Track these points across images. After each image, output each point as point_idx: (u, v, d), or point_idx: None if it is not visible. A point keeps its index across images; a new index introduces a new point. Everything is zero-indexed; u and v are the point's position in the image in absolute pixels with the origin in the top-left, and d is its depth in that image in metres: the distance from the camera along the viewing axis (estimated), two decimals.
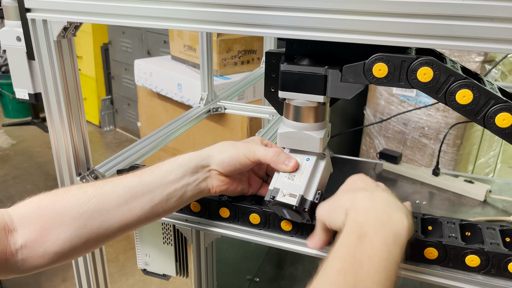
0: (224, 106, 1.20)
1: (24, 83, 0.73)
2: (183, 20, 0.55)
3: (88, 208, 0.51)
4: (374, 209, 0.48)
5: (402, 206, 0.50)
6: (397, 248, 0.45)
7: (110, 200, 0.52)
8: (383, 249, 0.44)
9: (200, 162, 0.56)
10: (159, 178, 0.54)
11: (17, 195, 2.61)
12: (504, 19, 0.41)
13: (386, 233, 0.45)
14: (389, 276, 0.43)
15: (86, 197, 0.52)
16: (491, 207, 1.11)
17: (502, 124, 0.47)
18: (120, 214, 0.53)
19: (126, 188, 0.53)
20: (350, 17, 0.47)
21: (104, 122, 3.55)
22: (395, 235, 0.46)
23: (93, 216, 0.52)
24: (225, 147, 0.57)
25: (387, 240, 0.45)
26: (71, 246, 0.52)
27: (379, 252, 0.44)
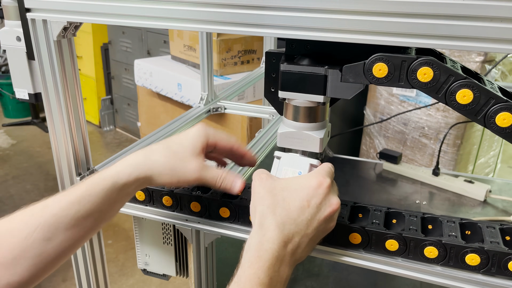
0: (224, 106, 1.20)
1: (24, 83, 0.73)
2: (183, 20, 0.55)
3: (36, 239, 0.51)
4: (275, 264, 0.48)
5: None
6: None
7: (56, 227, 0.52)
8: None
9: (141, 183, 0.56)
10: (99, 200, 0.54)
11: (17, 195, 2.61)
12: (504, 19, 0.41)
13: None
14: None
15: (29, 229, 0.52)
16: (491, 207, 1.11)
17: (502, 123, 0.47)
18: (71, 235, 0.53)
19: (68, 216, 0.53)
20: (350, 17, 0.47)
21: (104, 122, 3.55)
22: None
23: (44, 244, 0.52)
24: (165, 171, 0.55)
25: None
26: (31, 274, 0.52)
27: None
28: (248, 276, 0.46)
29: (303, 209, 0.50)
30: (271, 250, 0.47)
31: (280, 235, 0.48)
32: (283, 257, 0.48)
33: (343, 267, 1.01)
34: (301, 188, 0.51)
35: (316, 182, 0.51)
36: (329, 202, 0.52)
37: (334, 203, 0.52)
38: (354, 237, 0.57)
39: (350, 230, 0.57)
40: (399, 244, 0.55)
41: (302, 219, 0.50)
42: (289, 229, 0.49)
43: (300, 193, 0.51)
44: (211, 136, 0.58)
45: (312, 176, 0.53)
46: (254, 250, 0.48)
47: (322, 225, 0.51)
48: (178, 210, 0.65)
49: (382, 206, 0.61)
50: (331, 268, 1.02)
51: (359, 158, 1.39)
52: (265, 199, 0.51)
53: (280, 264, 0.48)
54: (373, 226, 0.56)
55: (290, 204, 0.50)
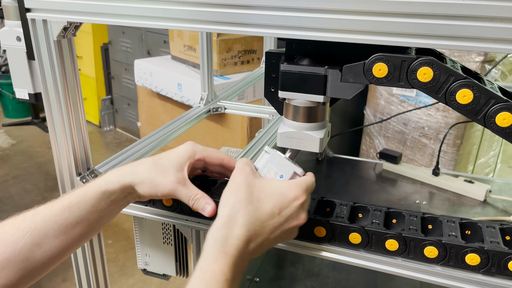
0: (224, 106, 1.20)
1: (24, 83, 0.73)
2: (183, 20, 0.55)
3: (25, 243, 0.52)
4: (236, 263, 0.50)
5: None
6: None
7: (46, 233, 0.53)
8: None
9: (127, 192, 0.57)
10: (89, 209, 0.55)
11: (17, 195, 2.61)
12: (504, 19, 0.41)
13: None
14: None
15: (19, 233, 0.52)
16: (491, 207, 1.11)
17: (502, 123, 0.47)
18: (60, 243, 0.54)
19: (57, 223, 0.54)
20: (350, 17, 0.47)
21: (104, 122, 3.55)
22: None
23: (33, 250, 0.53)
24: (146, 182, 0.56)
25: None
26: (18, 278, 0.52)
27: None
28: (214, 272, 0.47)
29: (272, 215, 0.51)
30: (236, 247, 0.49)
31: (246, 234, 0.50)
32: (244, 255, 0.50)
33: (343, 267, 1.01)
34: (277, 194, 0.53)
35: (293, 194, 0.53)
36: (297, 216, 0.53)
37: (301, 218, 0.54)
38: (354, 237, 0.57)
39: (350, 230, 0.57)
40: (399, 244, 0.55)
41: (269, 224, 0.51)
42: (255, 229, 0.50)
43: (274, 199, 0.52)
44: (199, 152, 0.60)
45: (291, 187, 0.54)
46: (220, 245, 0.49)
47: (284, 234, 0.53)
48: (178, 210, 0.65)
49: (382, 206, 0.61)
50: (331, 268, 1.02)
51: (359, 158, 1.39)
52: (240, 193, 0.52)
53: (242, 260, 0.50)
54: (373, 226, 0.56)
55: (262, 206, 0.51)
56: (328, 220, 0.57)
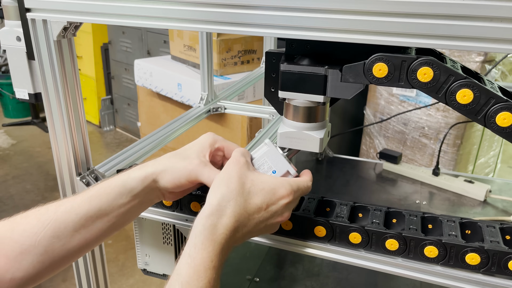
0: (224, 106, 1.20)
1: (24, 83, 0.73)
2: (183, 20, 0.55)
3: (45, 235, 0.52)
4: (222, 250, 0.50)
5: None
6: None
7: (66, 225, 0.53)
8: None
9: (148, 186, 0.56)
10: (109, 202, 0.55)
11: (17, 195, 2.61)
12: (504, 19, 0.41)
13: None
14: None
15: (40, 224, 0.53)
16: (491, 207, 1.11)
17: (502, 123, 0.47)
18: (79, 237, 0.54)
19: (78, 215, 0.54)
20: (350, 17, 0.47)
21: (104, 122, 3.55)
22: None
23: (52, 242, 0.53)
24: (169, 169, 0.56)
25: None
26: (36, 271, 0.53)
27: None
28: (203, 258, 0.48)
29: (259, 210, 0.52)
30: (224, 236, 0.50)
31: (234, 224, 0.50)
32: (230, 243, 0.51)
33: (343, 267, 1.01)
34: (267, 190, 0.53)
35: (282, 193, 0.53)
36: (282, 214, 0.54)
37: (285, 216, 0.55)
38: (354, 237, 0.57)
39: (350, 230, 0.57)
40: (399, 243, 0.55)
41: (255, 217, 0.52)
42: (242, 221, 0.51)
43: (264, 194, 0.53)
44: (219, 142, 0.60)
45: (282, 185, 0.54)
46: (209, 232, 0.49)
47: (266, 228, 0.54)
48: (178, 210, 0.65)
49: (382, 205, 0.61)
50: (331, 268, 1.02)
51: (359, 158, 1.39)
52: (232, 183, 0.52)
53: (227, 249, 0.51)
54: (373, 225, 0.56)
55: (252, 199, 0.52)
56: (328, 220, 0.57)
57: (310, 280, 0.98)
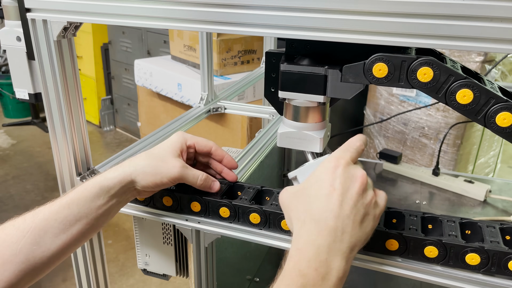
0: (224, 106, 1.20)
1: (24, 83, 0.73)
2: (183, 20, 0.55)
3: (25, 244, 0.53)
4: (318, 254, 0.46)
5: (349, 247, 0.48)
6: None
7: (46, 232, 0.54)
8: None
9: (125, 186, 0.57)
10: (88, 205, 0.56)
11: (17, 195, 2.61)
12: (504, 19, 0.41)
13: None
14: None
15: (19, 233, 0.53)
16: (491, 207, 1.11)
17: (502, 123, 0.47)
18: (59, 242, 0.54)
19: (57, 220, 0.54)
20: (350, 17, 0.47)
21: (104, 122, 3.55)
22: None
23: (33, 250, 0.53)
24: (148, 171, 0.57)
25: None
26: (18, 280, 0.53)
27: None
28: (288, 270, 0.46)
29: (330, 195, 0.48)
30: (309, 240, 0.46)
31: (316, 225, 0.47)
32: (328, 246, 0.46)
33: None
34: (319, 178, 0.49)
35: (332, 164, 0.49)
36: (352, 177, 0.49)
37: (358, 175, 0.49)
38: None
39: None
40: (399, 243, 0.55)
41: (332, 203, 0.47)
42: (324, 218, 0.47)
43: (320, 183, 0.49)
44: (189, 139, 0.62)
45: (326, 161, 0.50)
46: (293, 244, 0.48)
47: (359, 201, 0.48)
48: (178, 210, 0.65)
49: None
50: None
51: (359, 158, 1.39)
52: (292, 204, 0.51)
53: (328, 254, 0.46)
54: None
55: (316, 196, 0.48)
56: None
57: None
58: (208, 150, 0.64)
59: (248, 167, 0.80)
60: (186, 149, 0.62)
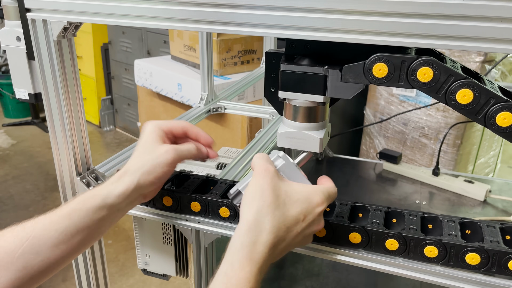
0: (224, 106, 1.20)
1: (24, 83, 0.73)
2: (183, 20, 0.55)
3: (24, 252, 0.52)
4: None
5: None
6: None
7: (45, 242, 0.52)
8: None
9: (130, 196, 0.56)
10: (89, 216, 0.54)
11: (17, 195, 2.61)
12: (504, 19, 0.41)
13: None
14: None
15: (18, 241, 0.52)
16: (491, 207, 1.11)
17: (503, 123, 0.47)
18: (59, 252, 0.53)
19: (58, 231, 0.53)
20: (350, 17, 0.47)
21: (104, 122, 3.55)
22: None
23: (31, 258, 0.52)
24: (146, 169, 0.56)
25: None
26: (15, 287, 0.52)
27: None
28: (239, 279, 0.46)
29: (297, 221, 0.51)
30: (263, 254, 0.48)
31: (273, 240, 0.49)
32: (269, 261, 0.49)
33: (343, 267, 1.01)
34: (303, 200, 0.52)
35: (318, 200, 0.52)
36: (318, 222, 0.53)
37: (321, 223, 0.54)
38: (354, 237, 0.57)
39: (350, 230, 0.57)
40: (399, 243, 0.55)
41: (294, 229, 0.51)
42: (281, 235, 0.49)
43: (300, 205, 0.51)
44: (163, 125, 0.60)
45: (316, 192, 0.53)
46: (247, 251, 0.47)
47: (304, 239, 0.53)
48: (178, 210, 0.65)
49: (382, 205, 0.61)
50: (331, 268, 1.02)
51: (359, 158, 1.39)
52: (267, 196, 0.50)
53: (266, 266, 0.49)
54: (373, 225, 0.56)
55: (289, 211, 0.50)
56: (328, 220, 0.57)
57: (310, 280, 0.98)
58: (184, 130, 0.62)
59: (248, 167, 0.80)
60: (164, 135, 0.60)
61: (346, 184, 1.20)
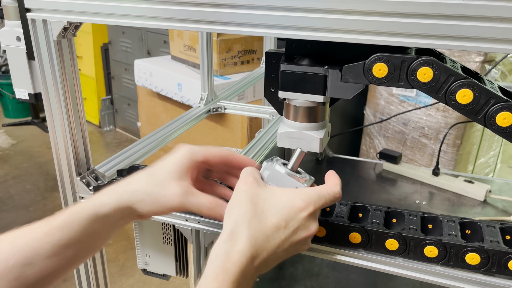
0: (224, 106, 1.20)
1: (24, 83, 0.73)
2: (183, 20, 0.55)
3: (17, 262, 0.49)
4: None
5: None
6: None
7: (38, 253, 0.50)
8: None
9: (123, 212, 0.53)
10: (82, 230, 0.51)
11: (17, 195, 2.61)
12: (504, 19, 0.41)
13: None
14: None
15: (11, 249, 0.50)
16: (491, 207, 1.11)
17: (503, 123, 0.47)
18: (52, 264, 0.51)
19: (50, 243, 0.50)
20: (350, 17, 0.47)
21: (104, 122, 3.55)
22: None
23: (25, 269, 0.50)
24: (146, 199, 0.52)
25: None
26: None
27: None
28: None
29: (278, 228, 0.48)
30: (239, 264, 0.45)
31: (250, 250, 0.46)
32: (248, 272, 0.46)
33: (343, 267, 1.01)
34: (283, 205, 0.49)
35: (300, 205, 0.49)
36: (307, 227, 0.49)
37: (312, 229, 0.50)
38: (354, 237, 0.57)
39: (350, 230, 0.57)
40: (399, 243, 0.55)
41: (275, 237, 0.48)
42: (260, 244, 0.47)
43: (280, 211, 0.48)
44: (199, 154, 0.54)
45: (299, 196, 0.49)
46: (222, 261, 0.45)
47: (294, 246, 0.50)
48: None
49: (382, 205, 0.61)
50: (331, 268, 1.02)
51: (359, 158, 1.39)
52: (243, 205, 0.48)
53: (244, 278, 0.46)
54: (373, 225, 0.56)
55: (267, 219, 0.48)
56: (328, 220, 0.57)
57: (310, 280, 0.98)
58: (224, 160, 0.56)
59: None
60: (196, 166, 0.54)
61: (346, 184, 1.20)
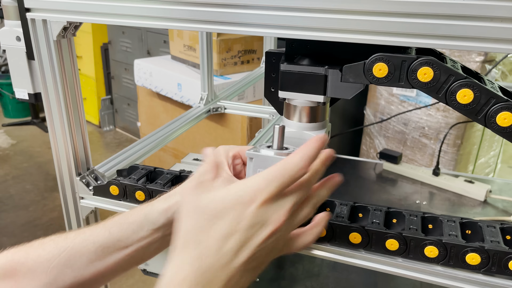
0: (224, 106, 1.20)
1: (24, 83, 0.73)
2: (183, 20, 0.55)
3: (58, 263, 0.49)
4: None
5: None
6: None
7: (81, 255, 0.49)
8: None
9: (172, 217, 0.49)
10: (129, 233, 0.50)
11: (17, 195, 2.61)
12: (504, 19, 0.41)
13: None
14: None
15: (56, 250, 0.49)
16: (491, 207, 1.11)
17: (503, 123, 0.47)
18: (93, 269, 0.50)
19: (95, 244, 0.49)
20: (350, 17, 0.47)
21: (104, 122, 3.55)
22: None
23: (64, 272, 0.49)
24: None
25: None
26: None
27: None
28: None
29: (226, 238, 0.39)
30: (179, 270, 0.39)
31: (194, 276, 0.38)
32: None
33: (343, 267, 1.01)
34: (230, 205, 0.39)
35: (247, 198, 0.39)
36: (264, 222, 0.39)
37: (272, 220, 0.39)
38: (354, 237, 0.57)
39: (350, 230, 0.57)
40: (399, 243, 0.55)
41: (226, 249, 0.39)
42: (209, 263, 0.39)
43: (227, 214, 0.39)
44: (231, 150, 0.51)
45: (242, 188, 0.40)
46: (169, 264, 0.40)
47: (263, 250, 0.40)
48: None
49: (382, 205, 0.61)
50: (331, 268, 1.02)
51: (359, 158, 1.39)
52: (189, 218, 0.41)
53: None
54: (373, 225, 0.56)
55: (211, 230, 0.39)
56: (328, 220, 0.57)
57: (310, 280, 0.98)
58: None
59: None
60: (230, 163, 0.50)
61: (346, 184, 1.20)
